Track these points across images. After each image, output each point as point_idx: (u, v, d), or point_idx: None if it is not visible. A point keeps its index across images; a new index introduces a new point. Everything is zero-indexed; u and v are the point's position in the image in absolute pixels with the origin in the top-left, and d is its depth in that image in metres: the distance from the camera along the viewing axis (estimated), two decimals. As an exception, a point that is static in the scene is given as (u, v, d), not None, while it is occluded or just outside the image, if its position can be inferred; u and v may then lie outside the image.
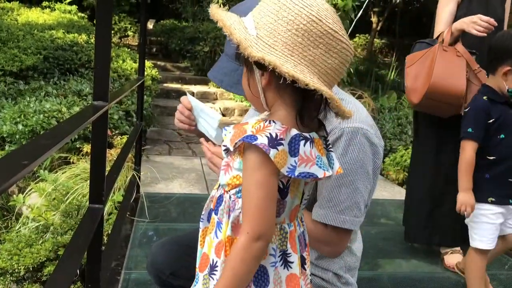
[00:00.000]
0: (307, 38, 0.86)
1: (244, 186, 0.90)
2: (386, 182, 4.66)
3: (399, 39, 14.91)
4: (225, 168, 0.95)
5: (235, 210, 0.93)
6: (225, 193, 0.96)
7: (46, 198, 3.08)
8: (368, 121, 1.30)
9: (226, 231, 0.93)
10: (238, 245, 0.88)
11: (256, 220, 0.87)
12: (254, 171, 0.87)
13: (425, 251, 2.92)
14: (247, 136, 0.87)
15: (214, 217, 0.98)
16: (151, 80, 6.35)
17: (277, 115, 0.92)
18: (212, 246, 0.96)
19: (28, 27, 6.69)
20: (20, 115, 4.21)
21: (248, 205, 0.88)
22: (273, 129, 0.86)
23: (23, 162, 0.64)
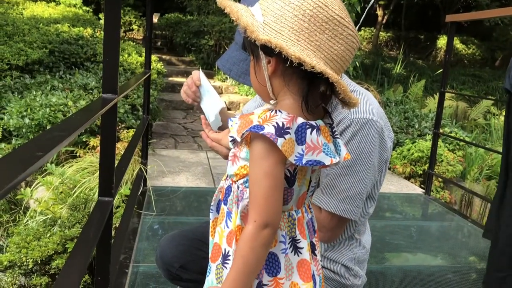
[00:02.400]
0: (313, 23, 0.87)
1: (251, 175, 0.90)
2: (392, 175, 4.64)
3: (404, 32, 14.83)
4: (232, 159, 0.96)
5: (243, 199, 0.93)
6: (233, 183, 0.96)
7: (53, 192, 3.09)
8: (378, 113, 1.29)
9: (236, 220, 0.94)
10: (246, 233, 0.89)
11: (263, 208, 0.88)
12: (261, 160, 0.87)
13: (432, 245, 2.92)
14: (254, 126, 0.87)
15: (224, 208, 0.98)
16: (157, 74, 6.34)
17: (284, 104, 0.92)
18: (223, 236, 0.97)
19: (34, 21, 6.69)
20: (26, 109, 4.22)
21: (255, 194, 0.89)
22: (280, 118, 0.87)
23: (37, 153, 0.63)
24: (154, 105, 5.42)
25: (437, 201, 3.89)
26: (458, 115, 7.78)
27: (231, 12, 0.90)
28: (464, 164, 5.20)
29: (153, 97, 5.36)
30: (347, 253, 1.38)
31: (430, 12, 16.20)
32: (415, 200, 3.88)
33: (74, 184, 3.14)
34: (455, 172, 4.83)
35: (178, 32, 10.12)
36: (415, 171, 4.77)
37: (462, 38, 14.53)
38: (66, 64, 5.80)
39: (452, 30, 3.68)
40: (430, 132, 5.19)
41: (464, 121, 7.66)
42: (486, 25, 13.43)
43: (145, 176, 3.37)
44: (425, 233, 3.22)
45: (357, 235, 1.41)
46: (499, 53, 14.64)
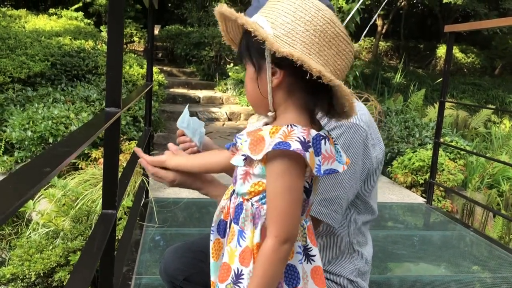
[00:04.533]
0: (323, 38, 0.89)
1: (271, 191, 0.90)
2: (394, 185, 4.65)
3: (404, 42, 14.90)
4: (243, 177, 0.95)
5: (261, 217, 0.93)
6: (245, 201, 0.95)
7: (55, 204, 3.10)
8: (366, 120, 1.29)
9: (253, 238, 0.94)
10: (266, 248, 0.89)
11: (285, 223, 0.89)
12: (283, 176, 0.88)
13: (434, 255, 2.91)
14: (279, 143, 0.87)
15: (234, 227, 0.97)
16: (158, 86, 6.38)
17: (288, 117, 0.93)
18: (234, 255, 0.96)
19: (36, 34, 6.75)
20: (28, 122, 4.25)
21: (276, 210, 0.90)
22: (299, 132, 0.88)
23: (45, 170, 0.65)
24: (156, 117, 5.44)
25: (439, 210, 3.89)
26: (459, 124, 7.80)
27: (247, 23, 0.89)
28: (465, 173, 5.20)
29: (155, 109, 5.39)
30: (348, 266, 1.38)
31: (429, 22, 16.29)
32: (416, 210, 3.88)
33: (76, 196, 3.15)
34: (456, 181, 4.83)
35: (179, 43, 10.19)
36: (416, 180, 4.78)
37: (462, 47, 14.59)
38: (68, 76, 5.84)
39: (451, 40, 3.71)
40: (431, 141, 5.20)
41: (464, 130, 7.67)
42: (485, 34, 13.50)
43: (147, 188, 3.38)
44: (427, 242, 3.22)
45: (357, 247, 1.41)
46: (498, 62, 14.69)
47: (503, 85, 12.74)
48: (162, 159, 1.19)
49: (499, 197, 5.21)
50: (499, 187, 5.40)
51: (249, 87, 0.98)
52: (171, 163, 1.18)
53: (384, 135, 5.65)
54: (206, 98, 8.50)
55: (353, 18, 7.33)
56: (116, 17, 1.40)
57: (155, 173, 1.19)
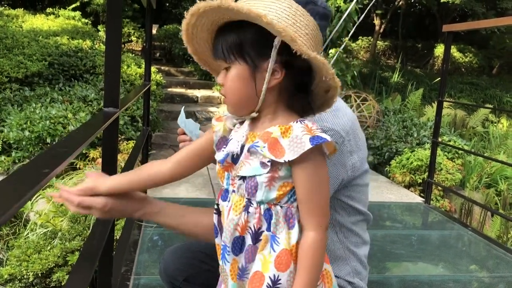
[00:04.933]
0: (316, 42, 0.93)
1: (310, 186, 0.91)
2: (392, 184, 4.65)
3: (402, 41, 14.92)
4: (268, 183, 0.92)
5: (294, 215, 0.93)
6: (272, 206, 0.93)
7: (53, 204, 3.10)
8: (346, 127, 1.26)
9: (289, 239, 0.92)
10: (314, 240, 0.91)
11: (326, 212, 0.93)
12: (320, 167, 0.91)
13: (432, 254, 2.92)
14: (313, 138, 0.88)
15: (267, 234, 0.94)
16: (156, 85, 6.37)
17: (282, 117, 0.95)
18: (269, 261, 0.93)
19: (33, 33, 6.73)
20: (26, 122, 4.23)
21: (317, 202, 0.92)
22: (314, 126, 0.91)
23: (44, 171, 0.64)
24: (154, 116, 5.44)
25: (437, 209, 3.90)
26: (457, 123, 7.81)
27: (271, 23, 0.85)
28: (463, 172, 5.21)
29: (153, 108, 5.38)
30: (344, 267, 1.38)
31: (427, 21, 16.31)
32: (415, 209, 3.89)
33: (74, 196, 3.14)
34: (454, 181, 4.84)
35: (177, 43, 10.18)
36: (415, 180, 4.78)
37: (459, 46, 14.62)
38: (65, 76, 5.83)
39: (449, 40, 3.72)
40: (429, 141, 5.21)
41: (462, 129, 7.69)
42: (483, 34, 13.53)
43: (145, 188, 3.37)
44: (426, 242, 3.22)
45: (352, 247, 1.40)
46: (496, 61, 14.72)
47: (501, 85, 12.78)
48: (89, 186, 1.02)
49: (497, 196, 5.22)
50: (497, 187, 5.41)
51: (238, 86, 0.94)
52: (104, 186, 1.03)
53: (382, 135, 5.65)
54: (204, 97, 8.49)
55: (351, 18, 7.34)
56: (114, 18, 1.40)
57: (81, 202, 1.00)
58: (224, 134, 1.01)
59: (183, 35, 0.98)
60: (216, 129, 1.01)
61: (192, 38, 0.99)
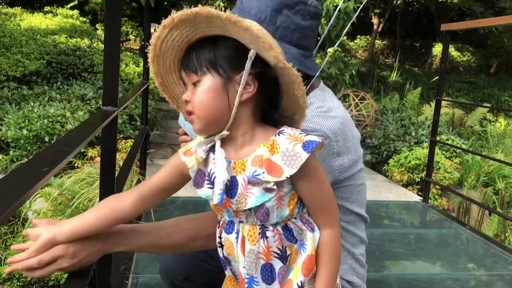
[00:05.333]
0: None
1: (315, 188, 0.91)
2: (390, 183, 4.66)
3: (400, 40, 14.93)
4: (278, 205, 0.89)
5: (309, 219, 0.94)
6: (288, 222, 0.92)
7: (52, 203, 3.09)
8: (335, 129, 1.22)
9: (314, 244, 0.93)
10: (333, 235, 0.93)
11: (334, 207, 0.94)
12: (317, 169, 0.91)
13: (430, 253, 2.93)
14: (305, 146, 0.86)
15: (294, 246, 0.92)
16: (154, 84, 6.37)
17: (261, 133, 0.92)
18: (298, 268, 0.92)
19: (31, 32, 6.72)
20: (24, 120, 4.23)
21: (325, 201, 0.93)
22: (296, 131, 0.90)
23: (43, 169, 0.64)
24: (152, 115, 5.43)
25: (435, 208, 3.91)
26: (455, 122, 7.83)
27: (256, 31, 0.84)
28: (461, 171, 5.22)
29: (151, 107, 5.38)
30: (342, 266, 1.38)
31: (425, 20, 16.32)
32: (413, 208, 3.90)
33: (72, 195, 3.14)
34: (452, 179, 4.85)
35: (175, 42, 10.16)
36: (413, 178, 4.79)
37: (457, 45, 14.63)
38: (63, 75, 5.82)
39: (447, 39, 3.72)
40: (427, 140, 5.22)
41: (460, 128, 7.70)
42: (481, 33, 13.55)
43: (143, 187, 3.37)
44: (424, 240, 3.23)
45: (349, 247, 1.41)
46: (493, 60, 14.74)
47: (499, 84, 12.80)
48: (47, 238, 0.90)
49: (495, 195, 5.23)
50: (495, 185, 5.43)
51: (209, 99, 0.88)
52: (63, 233, 0.92)
53: (380, 134, 5.66)
54: (203, 96, 8.49)
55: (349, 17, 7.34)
56: (113, 16, 1.39)
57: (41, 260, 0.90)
58: (199, 167, 0.93)
59: (151, 50, 0.93)
60: (190, 165, 0.93)
61: (158, 55, 0.94)
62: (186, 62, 0.92)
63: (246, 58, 0.87)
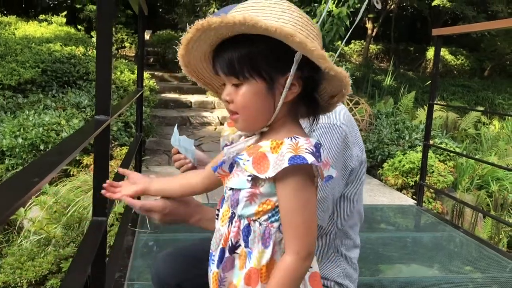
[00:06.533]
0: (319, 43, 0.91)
1: (288, 207, 0.87)
2: (385, 187, 4.68)
3: (394, 45, 15.01)
4: (249, 198, 0.90)
5: (271, 235, 0.90)
6: (251, 222, 0.91)
7: (47, 211, 3.10)
8: (344, 120, 1.32)
9: (260, 258, 0.90)
10: (289, 265, 0.87)
11: (307, 239, 0.87)
12: (300, 190, 0.86)
13: (425, 256, 2.94)
14: (293, 158, 0.83)
15: (245, 250, 0.92)
16: (149, 91, 6.38)
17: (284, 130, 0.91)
18: (241, 277, 0.92)
19: (26, 40, 6.73)
20: (19, 129, 4.23)
21: (295, 226, 0.87)
22: (305, 144, 0.86)
23: (33, 180, 0.66)
24: (147, 122, 5.45)
25: (429, 212, 3.93)
26: (449, 126, 7.87)
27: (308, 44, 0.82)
28: (455, 174, 5.25)
29: (146, 114, 5.39)
30: (335, 269, 1.40)
31: (419, 24, 16.42)
32: (407, 211, 3.91)
33: (68, 203, 3.15)
34: (446, 183, 4.88)
35: (170, 48, 10.21)
36: (407, 182, 4.82)
37: (451, 49, 14.73)
38: (58, 83, 5.83)
39: (439, 44, 3.76)
40: (421, 144, 5.25)
41: (454, 132, 7.75)
42: (474, 37, 13.65)
43: (138, 194, 3.38)
44: (418, 244, 3.25)
45: (343, 251, 1.43)
46: (487, 63, 14.84)
47: (492, 87, 12.88)
48: (140, 188, 1.10)
49: (489, 197, 5.26)
50: (489, 188, 5.46)
51: (254, 102, 0.89)
52: (153, 188, 1.12)
53: (375, 138, 5.69)
54: (198, 102, 8.51)
55: (343, 22, 7.39)
56: (105, 25, 1.41)
57: (143, 206, 1.10)
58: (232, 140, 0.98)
59: (182, 48, 0.93)
60: (225, 134, 0.99)
61: (190, 52, 0.94)
62: (223, 64, 0.89)
63: (290, 59, 0.85)
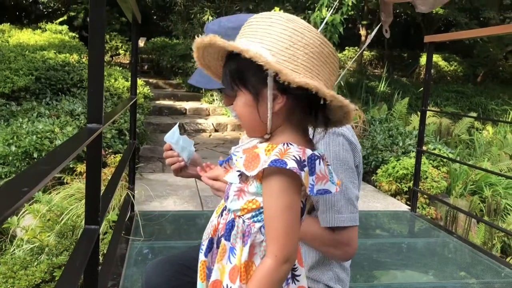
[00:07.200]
0: (320, 59, 0.91)
1: (269, 209, 0.90)
2: (379, 193, 4.70)
3: (388, 51, 15.10)
4: (237, 194, 0.95)
5: (251, 234, 0.93)
6: (236, 218, 0.95)
7: (40, 219, 3.08)
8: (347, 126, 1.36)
9: (241, 256, 0.93)
10: (266, 268, 0.89)
11: (285, 242, 0.89)
12: (282, 194, 0.88)
13: (419, 262, 2.95)
14: (275, 160, 0.87)
15: (226, 243, 0.96)
16: (144, 98, 6.38)
17: (284, 137, 0.94)
18: (225, 271, 0.95)
19: (20, 48, 6.72)
20: (13, 137, 4.22)
21: (275, 229, 0.89)
22: (295, 151, 0.88)
23: (23, 189, 0.66)
24: (141, 129, 5.45)
25: (423, 217, 3.94)
26: (442, 131, 7.91)
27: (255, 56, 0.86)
28: (448, 180, 5.27)
29: (140, 121, 5.39)
30: (327, 273, 1.42)
31: (412, 31, 16.55)
32: (401, 217, 3.93)
33: (61, 211, 3.14)
34: (440, 188, 4.90)
35: (165, 55, 10.22)
36: (401, 188, 4.84)
37: (444, 55, 14.84)
38: (52, 90, 5.82)
39: (431, 50, 3.79)
40: (414, 150, 5.27)
41: (448, 137, 7.79)
42: (467, 43, 13.77)
43: (132, 201, 3.38)
44: (412, 250, 3.25)
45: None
46: (480, 69, 14.95)
47: (485, 92, 12.98)
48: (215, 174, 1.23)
49: (482, 203, 5.29)
50: (482, 193, 5.48)
51: (246, 113, 0.96)
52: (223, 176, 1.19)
53: (368, 144, 5.71)
54: (193, 109, 8.51)
55: (336, 29, 7.44)
56: (97, 33, 1.41)
57: (212, 185, 1.22)
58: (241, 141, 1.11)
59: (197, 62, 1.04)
60: (243, 136, 1.10)
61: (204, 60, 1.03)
62: (222, 77, 0.99)
63: None
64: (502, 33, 4.16)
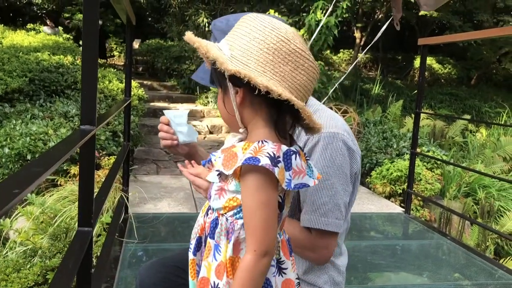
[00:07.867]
0: (277, 56, 0.93)
1: (247, 206, 0.93)
2: (373, 195, 4.71)
3: (382, 53, 15.15)
4: (218, 192, 0.99)
5: (234, 231, 0.96)
6: (220, 216, 0.99)
7: (33, 222, 3.06)
8: (343, 127, 1.36)
9: (226, 252, 0.96)
10: (246, 263, 0.92)
11: (263, 237, 0.92)
12: (258, 191, 0.91)
13: (413, 264, 2.96)
14: (249, 158, 0.90)
15: (210, 241, 1.00)
16: (138, 100, 6.37)
17: (259, 133, 0.97)
18: (211, 269, 0.98)
19: (13, 50, 6.69)
20: (6, 139, 4.19)
21: (253, 224, 0.92)
22: (269, 148, 0.91)
23: (14, 191, 0.66)
24: (136, 131, 5.43)
25: (417, 219, 3.95)
26: (436, 134, 7.94)
27: (200, 46, 0.95)
28: (442, 182, 5.29)
29: (135, 123, 5.37)
30: (322, 276, 1.41)
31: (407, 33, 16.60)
32: (395, 219, 3.94)
33: (54, 213, 3.12)
34: (434, 190, 4.92)
35: (159, 57, 10.20)
36: (395, 190, 4.85)
37: (438, 58, 14.90)
38: (46, 92, 5.79)
39: (425, 53, 3.81)
40: (408, 152, 5.29)
41: (441, 140, 7.82)
42: (461, 46, 13.84)
43: (126, 203, 3.36)
44: (406, 252, 3.26)
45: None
46: (474, 72, 15.03)
47: (479, 95, 13.04)
48: (199, 171, 1.22)
49: (476, 205, 5.31)
50: (476, 196, 5.51)
51: (220, 108, 1.03)
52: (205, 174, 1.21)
53: (363, 146, 5.72)
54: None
55: (331, 32, 7.46)
56: (91, 35, 1.41)
57: (193, 181, 1.23)
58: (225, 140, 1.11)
59: None
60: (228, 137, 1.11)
61: None
62: None
63: None
64: (496, 36, 4.18)
